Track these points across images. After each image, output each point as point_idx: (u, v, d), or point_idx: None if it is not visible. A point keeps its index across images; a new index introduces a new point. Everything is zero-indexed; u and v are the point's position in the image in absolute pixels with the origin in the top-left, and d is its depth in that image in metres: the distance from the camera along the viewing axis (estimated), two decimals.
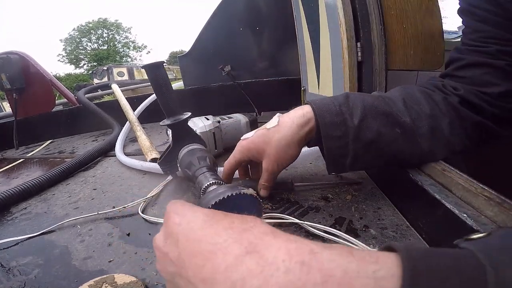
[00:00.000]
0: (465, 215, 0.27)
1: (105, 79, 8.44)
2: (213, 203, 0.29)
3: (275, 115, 0.42)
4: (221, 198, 0.29)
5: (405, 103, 0.37)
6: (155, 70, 0.49)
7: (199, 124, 0.64)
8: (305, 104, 0.40)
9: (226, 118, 0.71)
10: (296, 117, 0.38)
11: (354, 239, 0.33)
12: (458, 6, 0.41)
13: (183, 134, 0.52)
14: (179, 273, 0.19)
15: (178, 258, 0.19)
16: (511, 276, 0.11)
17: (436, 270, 0.12)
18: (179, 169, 0.53)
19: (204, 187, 0.37)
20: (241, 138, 0.44)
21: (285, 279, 0.14)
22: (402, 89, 0.41)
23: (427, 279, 0.12)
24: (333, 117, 0.36)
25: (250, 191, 0.32)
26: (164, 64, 0.51)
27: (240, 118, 0.72)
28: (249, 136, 0.42)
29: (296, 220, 0.38)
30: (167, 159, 0.53)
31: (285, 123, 0.39)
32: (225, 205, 0.30)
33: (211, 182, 0.37)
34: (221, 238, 0.18)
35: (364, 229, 0.36)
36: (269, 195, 0.47)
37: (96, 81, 8.64)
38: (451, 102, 0.37)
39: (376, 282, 0.12)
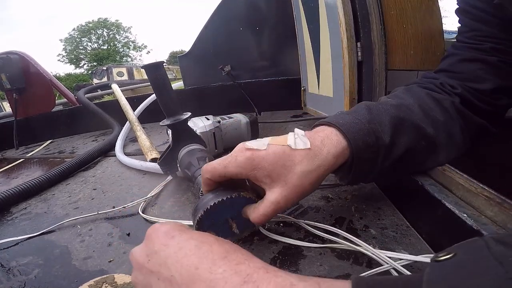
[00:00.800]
0: (465, 215, 0.27)
1: (105, 79, 8.45)
2: (211, 204, 0.29)
3: (294, 130, 0.32)
4: (220, 199, 0.29)
5: (424, 111, 0.35)
6: (155, 70, 0.49)
7: (199, 124, 0.64)
8: (326, 124, 0.33)
9: (226, 118, 0.71)
10: (332, 145, 0.31)
11: (354, 238, 0.33)
12: (457, 6, 0.42)
13: (183, 134, 0.52)
14: None
15: (171, 281, 0.20)
16: None
17: None
18: (179, 169, 0.53)
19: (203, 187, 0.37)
20: (245, 145, 0.31)
21: None
22: (411, 93, 0.38)
23: None
24: (365, 138, 0.31)
25: (250, 194, 0.31)
26: (164, 64, 0.51)
27: (240, 118, 0.72)
28: (259, 148, 0.30)
29: (296, 220, 0.38)
30: (167, 159, 0.53)
31: (319, 150, 0.30)
32: (223, 207, 0.30)
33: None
34: (220, 268, 0.20)
35: (364, 229, 0.36)
36: None
37: (95, 81, 8.64)
38: (458, 106, 0.37)
39: None
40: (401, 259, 0.27)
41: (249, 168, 0.29)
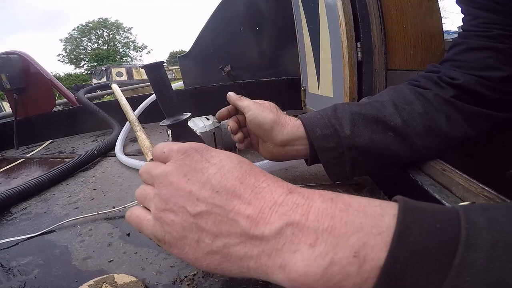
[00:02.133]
0: None
1: (104, 79, 8.44)
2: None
3: None
4: None
5: (395, 105, 0.37)
6: (155, 71, 0.49)
7: (200, 124, 0.64)
8: (296, 118, 0.41)
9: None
10: (291, 125, 0.40)
11: None
12: None
13: (183, 134, 0.52)
14: (211, 211, 0.20)
15: (214, 196, 0.20)
16: (480, 230, 0.14)
17: (423, 209, 0.16)
18: None
19: None
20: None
21: (322, 207, 0.18)
22: (391, 90, 0.41)
23: (415, 215, 0.16)
24: (323, 130, 0.36)
25: None
26: (163, 64, 0.51)
27: None
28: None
29: None
30: None
31: (283, 121, 0.41)
32: None
33: None
34: (263, 183, 0.21)
35: None
36: None
37: (94, 81, 8.63)
38: (444, 97, 0.37)
39: (382, 209, 0.17)
40: None
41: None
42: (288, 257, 0.17)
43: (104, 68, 9.11)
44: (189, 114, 0.53)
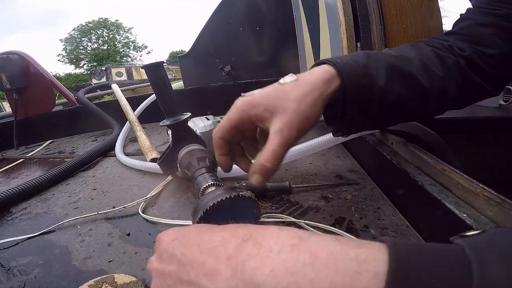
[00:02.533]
0: (465, 215, 0.27)
1: (103, 79, 8.44)
2: (211, 205, 0.29)
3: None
4: (219, 200, 0.29)
5: (423, 64, 0.36)
6: (155, 71, 0.49)
7: (200, 124, 0.64)
8: (320, 62, 0.34)
9: None
10: (320, 72, 0.32)
11: (354, 238, 0.33)
12: None
13: (183, 134, 0.52)
14: (180, 279, 0.20)
15: (177, 266, 0.21)
16: (496, 273, 0.11)
17: (422, 258, 0.13)
18: (179, 169, 0.53)
19: (202, 188, 0.37)
20: (241, 94, 0.33)
21: (279, 259, 0.16)
22: (414, 48, 0.39)
23: (412, 265, 0.12)
24: (359, 79, 0.32)
25: (249, 193, 0.31)
26: (163, 64, 0.51)
27: None
28: (253, 92, 0.32)
29: (296, 220, 0.38)
30: (167, 159, 0.53)
31: (307, 78, 0.31)
32: (223, 207, 0.30)
33: (209, 183, 0.37)
34: (218, 237, 0.20)
35: (364, 229, 0.36)
36: (269, 196, 0.47)
37: (94, 81, 8.62)
38: (460, 65, 0.38)
39: (358, 264, 0.13)
40: None
41: (246, 107, 0.31)
42: None
43: (103, 68, 9.10)
44: (189, 114, 0.53)
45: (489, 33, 0.38)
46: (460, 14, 0.43)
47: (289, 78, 0.32)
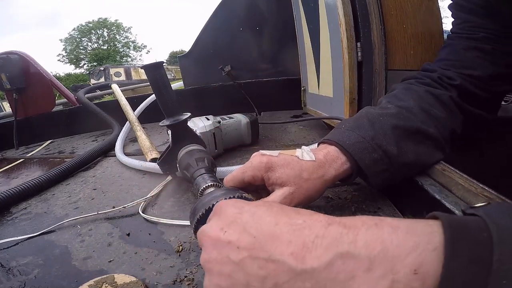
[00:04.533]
0: None
1: (102, 79, 8.43)
2: (211, 206, 0.29)
3: (301, 147, 0.36)
4: (222, 199, 0.29)
5: (424, 111, 0.37)
6: (155, 71, 0.49)
7: (199, 124, 0.64)
8: (328, 143, 0.36)
9: (226, 118, 0.71)
10: (332, 157, 0.35)
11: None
12: (450, 2, 0.45)
13: (182, 134, 0.52)
14: (254, 256, 0.20)
15: (253, 242, 0.20)
16: (506, 231, 0.15)
17: (464, 224, 0.16)
18: (178, 169, 0.53)
19: (201, 189, 0.37)
20: (260, 152, 0.35)
21: (368, 233, 0.18)
22: (411, 93, 0.40)
23: (460, 230, 0.16)
24: (371, 155, 0.34)
25: (250, 195, 0.31)
26: (163, 64, 0.51)
27: (240, 118, 0.72)
28: (272, 154, 0.34)
29: None
30: (167, 159, 0.53)
31: (321, 161, 0.34)
32: None
33: (208, 184, 0.37)
34: (299, 220, 0.21)
35: None
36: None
37: (93, 81, 8.61)
38: (455, 100, 0.39)
39: (430, 227, 0.17)
40: None
41: (263, 169, 0.33)
42: (347, 284, 0.17)
43: (102, 68, 9.09)
44: (189, 114, 0.53)
45: (473, 56, 0.40)
46: (444, 42, 0.46)
47: (307, 156, 0.34)
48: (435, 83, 0.41)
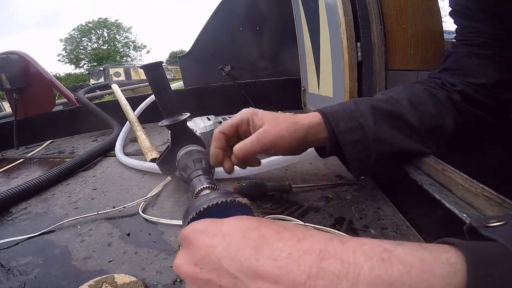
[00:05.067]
0: (465, 215, 0.27)
1: (101, 79, 8.41)
2: (205, 207, 0.28)
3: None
4: (214, 203, 0.28)
5: (411, 103, 0.38)
6: (154, 71, 0.49)
7: (200, 124, 0.64)
8: (315, 111, 0.39)
9: (228, 118, 0.71)
10: (309, 115, 0.37)
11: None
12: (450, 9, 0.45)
13: (181, 134, 0.52)
14: None
15: (235, 282, 0.18)
16: None
17: (492, 258, 0.14)
18: (177, 169, 0.52)
19: (197, 190, 0.37)
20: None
21: (372, 275, 0.15)
22: (406, 88, 0.41)
23: (487, 262, 0.14)
24: (347, 123, 0.36)
25: (245, 200, 0.31)
26: (162, 64, 0.51)
27: None
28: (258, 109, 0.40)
29: (296, 221, 0.38)
30: (166, 160, 0.53)
31: (299, 117, 0.37)
32: (216, 211, 0.29)
33: (204, 186, 0.37)
34: (283, 253, 0.18)
35: (364, 229, 0.36)
36: (269, 196, 0.47)
37: (92, 81, 8.59)
38: (454, 100, 0.39)
39: (452, 266, 0.14)
40: None
41: (250, 113, 0.38)
42: None
43: (101, 68, 9.06)
44: (188, 114, 0.53)
45: (475, 64, 0.40)
46: (448, 49, 0.46)
47: (288, 112, 0.39)
48: (437, 86, 0.41)
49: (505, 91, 0.40)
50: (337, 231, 0.35)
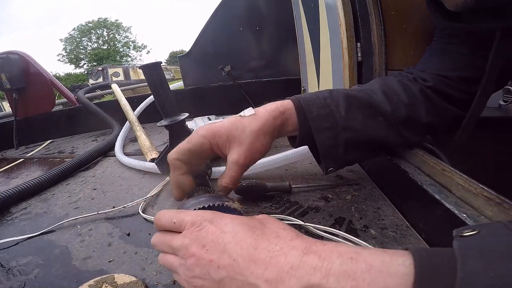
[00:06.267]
0: (464, 215, 0.27)
1: (100, 79, 8.39)
2: (194, 210, 0.28)
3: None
4: (201, 206, 0.28)
5: (385, 93, 0.39)
6: (152, 71, 0.49)
7: (200, 124, 0.64)
8: (287, 99, 0.38)
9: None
10: (272, 108, 0.36)
11: (354, 238, 0.33)
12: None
13: (180, 134, 0.52)
14: (232, 277, 0.21)
15: (232, 264, 0.22)
16: (474, 267, 0.15)
17: (438, 266, 0.16)
18: None
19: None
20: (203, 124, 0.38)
21: (341, 269, 0.18)
22: (381, 80, 0.43)
23: (432, 267, 0.16)
24: (319, 110, 0.36)
25: (236, 204, 0.30)
26: (162, 64, 0.51)
27: None
28: (216, 122, 0.36)
29: (297, 221, 0.38)
30: (164, 159, 0.53)
31: (261, 113, 0.36)
32: None
33: (197, 188, 0.37)
34: (276, 246, 0.22)
35: (364, 229, 0.36)
36: (269, 196, 0.47)
37: (91, 81, 8.56)
38: (426, 93, 0.40)
39: (406, 268, 0.17)
40: None
41: (210, 135, 0.34)
42: None
43: (100, 68, 9.02)
44: (187, 114, 0.53)
45: (448, 58, 0.41)
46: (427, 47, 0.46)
47: (248, 112, 0.36)
48: (409, 80, 0.42)
49: (472, 84, 0.40)
50: (337, 231, 0.35)
